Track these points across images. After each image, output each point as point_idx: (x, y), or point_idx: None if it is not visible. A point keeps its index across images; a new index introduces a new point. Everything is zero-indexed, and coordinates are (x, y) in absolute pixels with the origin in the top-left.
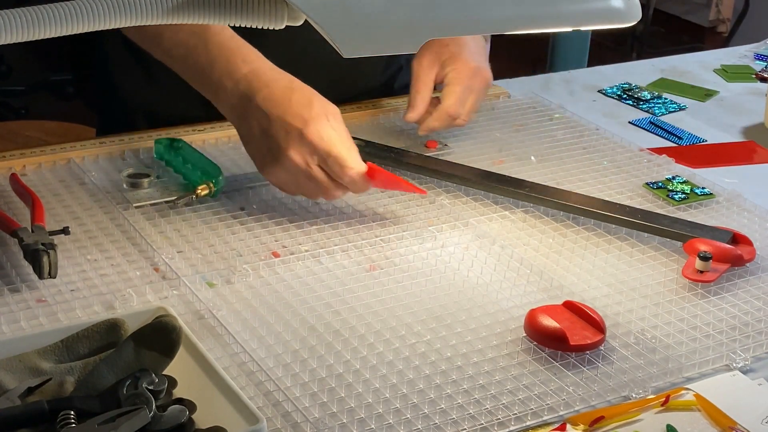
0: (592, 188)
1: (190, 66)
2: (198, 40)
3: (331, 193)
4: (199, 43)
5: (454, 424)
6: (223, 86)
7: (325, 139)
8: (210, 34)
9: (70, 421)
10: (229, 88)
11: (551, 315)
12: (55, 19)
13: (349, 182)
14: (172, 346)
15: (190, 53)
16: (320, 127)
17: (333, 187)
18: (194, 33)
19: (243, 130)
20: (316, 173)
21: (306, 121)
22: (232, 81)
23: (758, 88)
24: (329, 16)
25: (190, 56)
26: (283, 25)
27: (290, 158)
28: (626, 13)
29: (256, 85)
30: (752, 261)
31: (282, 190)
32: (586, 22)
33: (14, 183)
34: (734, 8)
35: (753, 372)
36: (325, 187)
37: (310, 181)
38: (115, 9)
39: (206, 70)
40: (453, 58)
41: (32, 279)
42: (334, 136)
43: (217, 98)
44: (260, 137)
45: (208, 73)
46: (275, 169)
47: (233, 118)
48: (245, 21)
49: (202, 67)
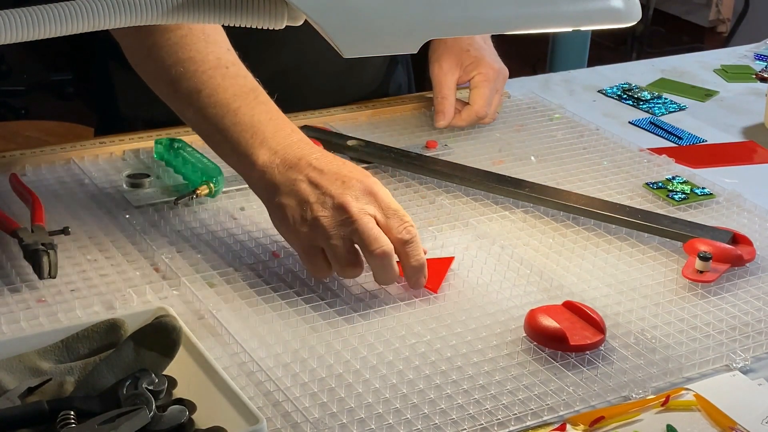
0: (592, 188)
1: (231, 124)
2: (242, 102)
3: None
4: (243, 104)
5: (454, 424)
6: (268, 147)
7: (385, 192)
8: (256, 101)
9: (70, 421)
10: (276, 150)
11: (551, 315)
12: (55, 19)
13: (408, 239)
14: (172, 346)
15: (233, 112)
16: (380, 185)
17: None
18: (236, 95)
19: (279, 188)
20: (371, 224)
21: (366, 176)
22: (281, 144)
23: (758, 88)
24: (329, 16)
25: (232, 114)
26: (283, 25)
27: (345, 204)
28: (626, 13)
29: (308, 150)
30: (752, 261)
31: (306, 252)
32: (586, 22)
33: (14, 183)
34: (734, 8)
35: (753, 372)
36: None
37: (358, 235)
38: (115, 9)
39: (250, 131)
40: (476, 62)
41: (32, 279)
42: (392, 197)
43: (254, 159)
44: (306, 189)
45: (251, 134)
46: (315, 219)
47: (267, 181)
48: (245, 21)
49: (246, 126)
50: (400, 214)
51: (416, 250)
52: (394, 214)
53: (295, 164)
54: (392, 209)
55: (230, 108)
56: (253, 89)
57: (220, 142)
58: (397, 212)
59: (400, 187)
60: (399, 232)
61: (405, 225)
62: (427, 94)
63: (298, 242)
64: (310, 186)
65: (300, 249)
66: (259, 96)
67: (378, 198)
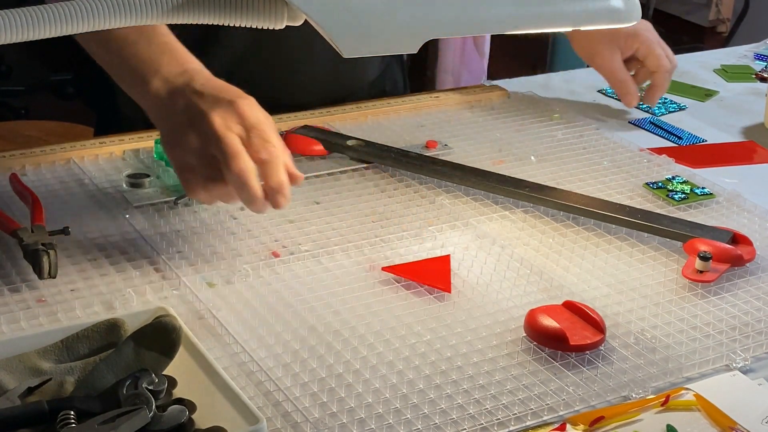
0: (592, 188)
1: (130, 56)
2: (139, 36)
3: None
4: (141, 39)
5: (454, 424)
6: (161, 77)
7: (255, 114)
8: (154, 34)
9: (70, 421)
10: (168, 78)
11: (551, 315)
12: (55, 19)
13: (266, 158)
14: (172, 346)
15: (131, 44)
16: (252, 104)
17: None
18: (137, 30)
19: (164, 112)
20: (232, 140)
21: (240, 96)
22: (172, 73)
23: (758, 88)
24: (329, 16)
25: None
26: (283, 25)
27: (210, 121)
28: (626, 13)
29: (197, 78)
30: (752, 261)
31: (180, 170)
32: (586, 22)
33: (14, 183)
34: (734, 8)
35: (753, 372)
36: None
37: (221, 149)
38: (115, 9)
39: (145, 63)
40: (632, 35)
41: (32, 279)
42: (263, 117)
43: (147, 88)
44: (182, 111)
45: (145, 66)
46: (186, 136)
47: (159, 106)
48: (245, 21)
49: (141, 60)
50: (264, 133)
51: (273, 170)
52: (258, 133)
53: (181, 91)
54: (257, 128)
55: (128, 41)
56: (155, 27)
57: (120, 74)
58: (262, 132)
59: (400, 187)
60: (258, 150)
61: (265, 144)
62: (427, 95)
63: (174, 162)
64: (188, 109)
65: (176, 168)
66: (160, 31)
67: (244, 116)
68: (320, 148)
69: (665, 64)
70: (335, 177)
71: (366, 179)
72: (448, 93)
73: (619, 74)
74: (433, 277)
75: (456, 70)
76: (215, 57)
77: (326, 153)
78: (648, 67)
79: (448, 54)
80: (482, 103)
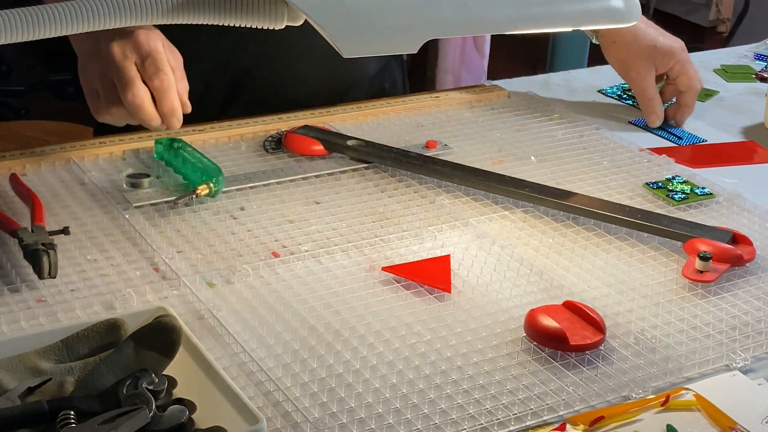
0: (592, 188)
1: None
2: None
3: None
4: None
5: (454, 424)
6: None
7: (151, 43)
8: None
9: (70, 421)
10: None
11: (551, 315)
12: (55, 19)
13: (158, 86)
14: (172, 346)
15: None
16: (152, 34)
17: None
18: None
19: (79, 43)
20: (127, 68)
21: (149, 29)
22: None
23: (758, 88)
24: (329, 16)
25: None
26: (283, 25)
27: (110, 49)
28: (626, 13)
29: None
30: (752, 261)
31: (87, 95)
32: (586, 22)
33: (14, 183)
34: (734, 8)
35: (753, 372)
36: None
37: (118, 77)
38: (115, 9)
39: None
40: (669, 53)
41: (32, 279)
42: (160, 47)
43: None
44: (92, 41)
45: None
46: (91, 64)
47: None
48: (245, 21)
49: None
50: (157, 62)
51: (165, 96)
52: (152, 61)
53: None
54: (152, 56)
55: None
56: None
57: None
58: (155, 60)
59: (400, 187)
60: (150, 77)
61: (158, 72)
62: (427, 95)
63: (84, 88)
64: (96, 39)
65: (85, 93)
66: None
67: (141, 45)
68: (320, 148)
69: (696, 85)
70: (335, 177)
71: (366, 179)
72: (448, 93)
73: (650, 92)
74: (433, 277)
75: (456, 70)
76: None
77: (326, 153)
78: (678, 86)
79: (448, 54)
80: (482, 103)
